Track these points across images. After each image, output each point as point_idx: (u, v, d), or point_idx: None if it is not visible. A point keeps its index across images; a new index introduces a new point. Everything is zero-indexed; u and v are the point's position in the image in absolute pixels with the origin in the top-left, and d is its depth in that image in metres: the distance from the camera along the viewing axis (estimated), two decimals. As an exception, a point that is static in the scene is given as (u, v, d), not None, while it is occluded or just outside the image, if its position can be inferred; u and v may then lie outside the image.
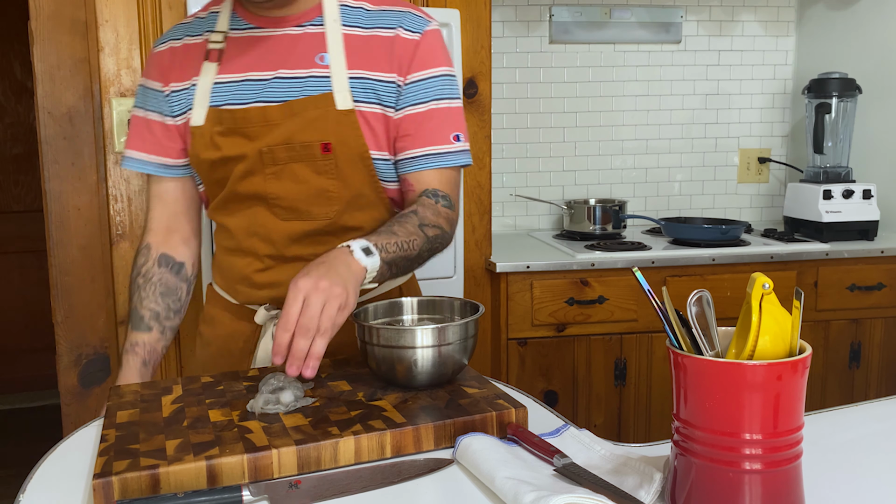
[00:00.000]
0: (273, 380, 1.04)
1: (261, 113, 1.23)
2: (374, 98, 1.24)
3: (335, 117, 1.22)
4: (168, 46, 1.32)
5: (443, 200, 1.27)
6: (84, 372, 2.08)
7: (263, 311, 1.30)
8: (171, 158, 1.33)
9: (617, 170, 2.90)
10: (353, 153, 1.24)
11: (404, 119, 1.27)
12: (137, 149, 1.34)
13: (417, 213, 1.23)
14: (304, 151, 1.23)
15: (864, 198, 2.49)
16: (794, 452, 0.77)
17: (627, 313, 2.30)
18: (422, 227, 1.21)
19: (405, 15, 1.27)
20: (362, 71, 1.24)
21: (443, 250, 1.28)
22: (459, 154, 1.29)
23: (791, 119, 2.99)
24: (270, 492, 0.85)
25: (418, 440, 0.97)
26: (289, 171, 1.24)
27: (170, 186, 1.36)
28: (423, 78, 1.26)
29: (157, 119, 1.32)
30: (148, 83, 1.33)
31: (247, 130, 1.24)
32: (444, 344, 1.07)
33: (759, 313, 0.77)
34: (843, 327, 2.42)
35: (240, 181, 1.26)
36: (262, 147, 1.23)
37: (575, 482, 0.84)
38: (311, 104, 1.22)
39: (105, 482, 0.84)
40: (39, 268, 4.01)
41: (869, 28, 2.68)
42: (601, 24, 2.79)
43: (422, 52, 1.26)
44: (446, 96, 1.28)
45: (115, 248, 2.07)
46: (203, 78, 1.27)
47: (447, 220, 1.26)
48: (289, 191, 1.25)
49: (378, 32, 1.26)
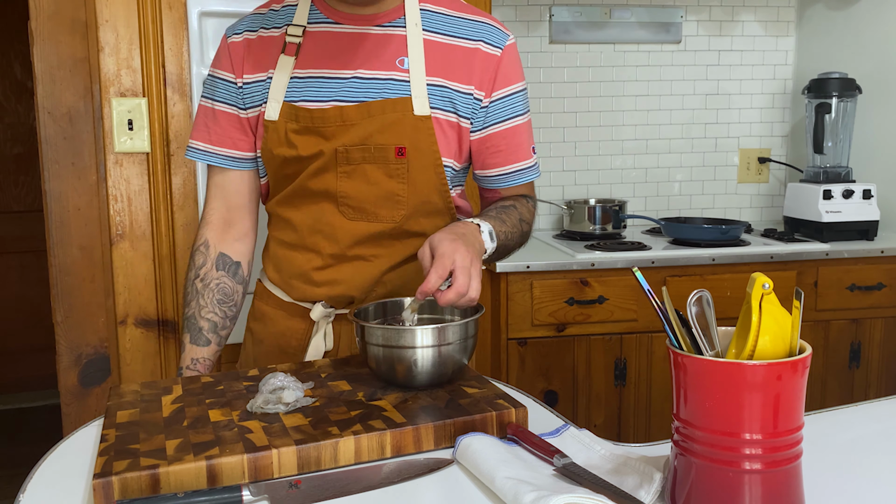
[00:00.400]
0: (273, 380, 1.04)
1: (338, 113, 1.23)
2: (451, 107, 1.26)
3: (412, 122, 1.23)
4: (244, 38, 1.30)
5: (531, 202, 1.38)
6: (84, 372, 2.08)
7: (321, 308, 1.30)
8: (239, 151, 1.32)
9: (617, 170, 2.90)
10: (427, 159, 1.25)
11: (493, 136, 1.31)
12: (202, 140, 1.33)
13: (517, 208, 1.32)
14: (378, 154, 1.23)
15: (863, 198, 2.49)
16: (794, 452, 0.77)
17: (627, 313, 2.30)
18: (521, 223, 1.31)
19: (486, 27, 1.29)
20: (440, 79, 1.25)
21: (525, 244, 1.38)
22: (536, 167, 1.38)
23: (791, 119, 2.99)
24: (270, 492, 0.85)
25: (418, 440, 0.97)
26: (361, 171, 1.25)
27: (233, 177, 1.35)
28: (507, 94, 1.30)
29: (225, 110, 1.31)
30: (218, 73, 1.32)
31: (323, 130, 1.24)
32: (444, 344, 1.07)
33: (759, 313, 0.77)
34: (842, 327, 2.42)
35: (311, 178, 1.26)
36: (339, 146, 1.24)
37: (575, 482, 0.84)
38: (390, 107, 1.23)
39: (105, 482, 0.84)
40: (39, 268, 4.01)
41: (869, 28, 2.68)
42: (601, 24, 2.80)
43: (504, 68, 1.29)
44: (526, 110, 1.35)
45: (115, 248, 2.07)
46: (280, 72, 1.26)
47: (533, 219, 1.38)
48: (359, 191, 1.26)
49: (459, 42, 1.27)
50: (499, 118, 1.30)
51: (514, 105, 1.31)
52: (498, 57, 1.28)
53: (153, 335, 2.10)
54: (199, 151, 1.34)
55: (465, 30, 1.28)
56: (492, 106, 1.29)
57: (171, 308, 2.11)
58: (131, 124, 2.04)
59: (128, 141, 2.04)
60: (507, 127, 1.31)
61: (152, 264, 2.09)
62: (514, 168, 1.34)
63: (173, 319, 2.11)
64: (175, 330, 2.12)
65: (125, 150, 2.05)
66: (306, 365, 1.21)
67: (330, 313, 1.32)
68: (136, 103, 2.04)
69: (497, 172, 1.34)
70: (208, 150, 1.33)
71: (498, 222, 1.24)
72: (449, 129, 1.27)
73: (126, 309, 2.08)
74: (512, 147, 1.32)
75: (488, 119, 1.29)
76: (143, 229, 2.08)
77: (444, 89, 1.25)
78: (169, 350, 2.12)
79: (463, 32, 1.27)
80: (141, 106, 2.04)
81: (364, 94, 1.24)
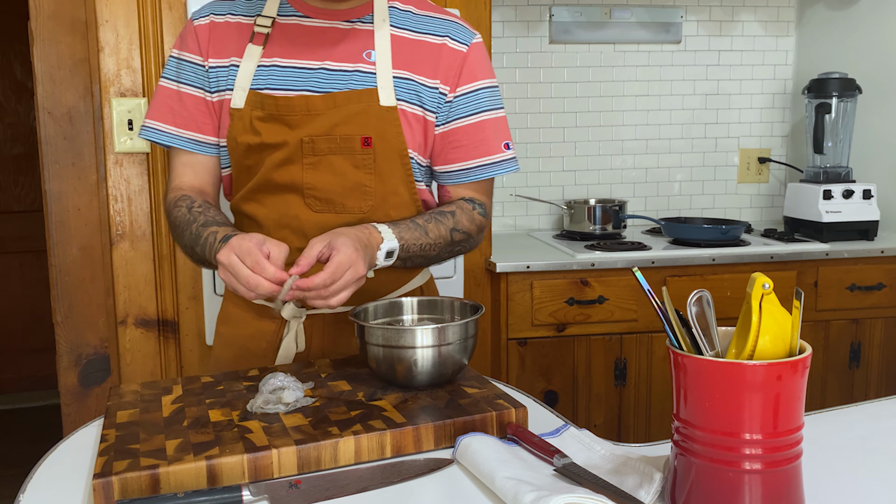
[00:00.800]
0: (273, 380, 1.04)
1: (304, 102, 1.23)
2: (417, 100, 1.27)
3: (378, 113, 1.24)
4: (209, 21, 1.30)
5: (479, 209, 1.34)
6: (84, 372, 2.08)
7: (292, 307, 1.28)
8: (203, 134, 1.30)
9: (617, 170, 2.90)
10: (392, 150, 1.25)
11: (456, 130, 1.30)
12: (166, 121, 1.30)
13: (455, 215, 1.30)
14: (344, 144, 1.24)
15: (864, 198, 2.49)
16: (794, 452, 0.77)
17: (627, 313, 2.30)
18: (452, 232, 1.28)
19: (453, 25, 1.31)
20: (407, 72, 1.26)
21: (467, 253, 1.35)
22: (510, 162, 1.35)
23: (791, 119, 2.99)
24: (270, 492, 0.85)
25: (418, 440, 0.97)
26: (327, 162, 1.24)
27: (201, 160, 1.32)
28: (472, 90, 1.30)
29: (192, 93, 1.29)
30: (185, 55, 1.30)
31: (288, 118, 1.24)
32: (444, 344, 1.07)
33: (759, 313, 0.77)
34: (842, 327, 2.42)
35: (276, 169, 1.25)
36: (304, 136, 1.23)
37: (575, 482, 0.84)
38: (355, 98, 1.24)
39: (105, 482, 0.84)
40: (39, 268, 4.01)
41: (869, 28, 2.68)
42: (601, 24, 2.80)
43: (469, 64, 1.30)
44: (495, 107, 1.33)
45: (115, 248, 2.07)
46: (247, 60, 1.26)
47: (479, 227, 1.34)
48: (326, 182, 1.25)
49: (426, 38, 1.29)
50: (462, 113, 1.30)
51: (479, 101, 1.31)
52: (464, 53, 1.29)
53: (153, 335, 2.11)
54: (161, 133, 1.30)
55: (432, 26, 1.30)
56: (456, 101, 1.29)
57: (171, 308, 2.11)
58: (131, 124, 2.04)
59: (128, 141, 2.04)
60: (470, 122, 1.30)
61: (152, 264, 2.09)
62: (476, 163, 1.32)
63: (173, 319, 2.11)
64: (175, 330, 2.12)
65: (125, 150, 2.05)
66: (306, 365, 1.21)
67: (301, 313, 1.29)
68: (136, 103, 2.04)
69: (458, 168, 1.32)
70: (171, 133, 1.30)
71: (419, 233, 1.23)
72: (415, 121, 1.27)
73: (126, 309, 2.08)
74: (475, 142, 1.31)
75: (452, 113, 1.30)
76: (143, 229, 2.08)
77: (411, 82, 1.26)
78: (169, 350, 2.12)
79: (430, 29, 1.29)
80: (141, 106, 2.04)
81: (330, 85, 1.24)
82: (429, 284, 1.44)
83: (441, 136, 1.31)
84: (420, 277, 1.41)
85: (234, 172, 1.31)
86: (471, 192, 1.35)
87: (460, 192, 1.35)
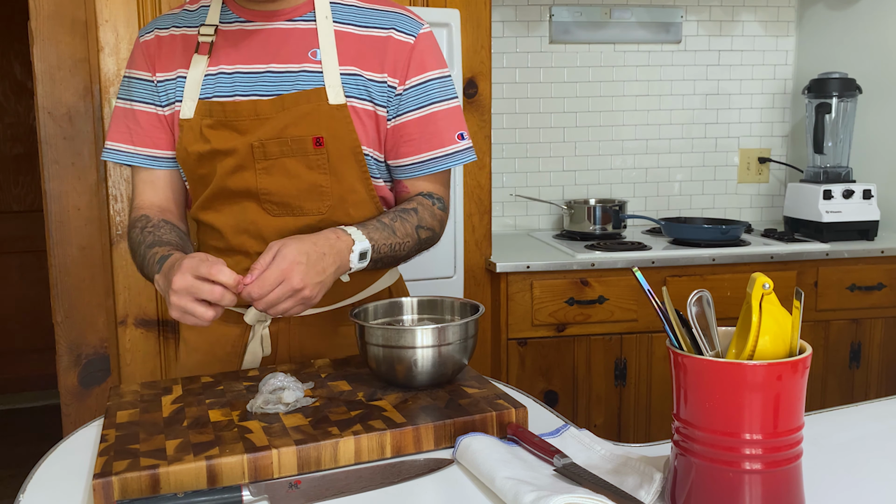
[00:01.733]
0: (273, 380, 1.04)
1: (252, 106, 1.22)
2: (366, 95, 1.25)
3: (327, 111, 1.22)
4: (154, 35, 1.30)
5: (438, 203, 1.31)
6: (84, 372, 2.08)
7: (254, 311, 1.26)
8: (160, 150, 1.30)
9: (617, 170, 2.90)
10: (345, 148, 1.23)
11: (407, 124, 1.27)
12: (124, 141, 1.30)
13: (418, 212, 1.27)
14: (295, 146, 1.22)
15: (864, 198, 2.49)
16: (795, 452, 0.77)
17: (627, 313, 2.30)
18: (417, 230, 1.26)
19: (398, 16, 1.28)
20: (354, 68, 1.24)
21: (429, 248, 1.31)
22: (465, 152, 1.32)
23: (791, 119, 2.99)
24: (270, 492, 0.85)
25: (418, 440, 0.97)
26: (280, 165, 1.23)
27: (161, 175, 1.32)
28: (422, 82, 1.27)
29: (144, 109, 1.30)
30: (134, 73, 1.31)
31: (237, 124, 1.23)
32: (444, 344, 1.07)
33: (759, 313, 0.77)
34: (843, 327, 2.42)
35: (229, 176, 1.24)
36: (254, 141, 1.22)
37: (575, 482, 0.84)
38: (304, 98, 1.22)
39: (105, 482, 0.84)
40: (39, 268, 4.01)
41: (869, 28, 2.68)
42: (601, 24, 2.79)
43: (417, 55, 1.27)
44: (446, 97, 1.30)
45: (115, 248, 2.07)
46: (193, 70, 1.26)
47: (440, 222, 1.31)
48: (280, 186, 1.24)
49: (371, 32, 1.26)
50: (413, 105, 1.27)
51: (430, 92, 1.28)
52: (411, 44, 1.26)
53: (153, 335, 2.10)
54: (121, 153, 1.30)
55: (377, 19, 1.27)
56: (406, 93, 1.27)
57: (171, 308, 2.10)
58: (131, 124, 2.03)
59: (128, 141, 2.04)
60: (422, 115, 1.28)
61: (152, 264, 2.08)
62: (429, 156, 1.29)
63: (173, 319, 2.11)
64: (175, 330, 2.12)
65: (125, 150, 2.05)
66: (306, 365, 1.21)
67: (264, 317, 1.28)
68: (136, 103, 2.03)
69: (411, 161, 1.29)
70: (129, 151, 1.30)
71: (387, 233, 1.21)
72: (366, 117, 1.25)
73: (126, 309, 2.08)
74: (427, 135, 1.28)
75: (402, 106, 1.27)
76: (143, 229, 2.08)
77: (359, 78, 1.24)
78: (169, 350, 2.12)
79: (374, 22, 1.27)
80: (141, 106, 2.04)
81: (278, 88, 1.23)
82: (398, 285, 1.43)
83: (392, 129, 1.28)
84: (388, 277, 1.39)
85: (190, 183, 1.31)
86: (428, 185, 1.32)
87: (418, 185, 1.32)
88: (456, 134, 1.30)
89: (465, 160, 1.32)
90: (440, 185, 1.34)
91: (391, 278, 1.40)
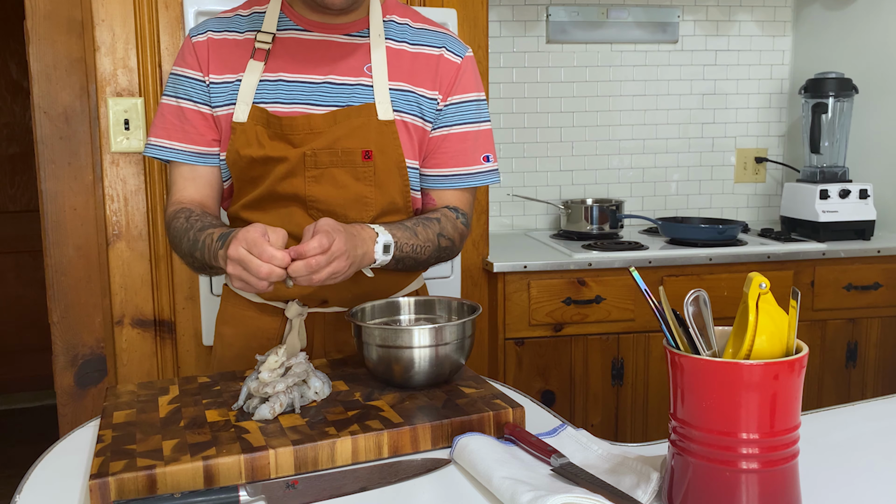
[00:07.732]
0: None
1: (306, 121, 1.26)
2: (417, 111, 1.30)
3: (377, 127, 1.27)
4: (207, 38, 1.31)
5: (462, 218, 1.37)
6: (80, 372, 2.08)
7: (296, 306, 1.29)
8: (207, 147, 1.32)
9: (614, 169, 2.91)
10: (391, 162, 1.28)
11: (439, 138, 1.33)
12: (167, 137, 1.32)
13: (440, 221, 1.32)
14: (345, 157, 1.26)
15: (860, 197, 2.50)
16: (791, 452, 0.77)
17: (624, 313, 2.30)
18: (439, 237, 1.30)
19: (447, 37, 1.35)
20: (408, 84, 1.30)
21: (448, 260, 1.37)
22: (488, 174, 1.38)
23: (788, 119, 2.99)
24: (267, 492, 0.85)
25: (415, 440, 0.97)
26: (329, 175, 1.27)
27: (202, 172, 1.34)
28: (460, 101, 1.34)
29: (191, 107, 1.31)
30: (183, 71, 1.32)
31: (292, 137, 1.26)
32: (442, 344, 1.07)
33: (755, 313, 0.77)
34: (839, 327, 2.43)
35: (280, 182, 1.27)
36: (307, 150, 1.26)
37: (572, 482, 0.84)
38: (355, 113, 1.27)
39: (101, 482, 0.84)
40: (35, 268, 4.00)
41: (865, 28, 2.68)
42: (598, 24, 2.80)
43: (462, 76, 1.34)
44: (480, 119, 1.36)
45: (112, 248, 2.07)
46: (249, 75, 1.28)
47: (460, 235, 1.36)
48: (328, 194, 1.27)
49: (424, 50, 1.32)
50: (448, 122, 1.34)
51: (465, 112, 1.34)
52: (458, 65, 1.33)
53: (149, 335, 2.10)
54: (165, 149, 1.32)
55: (429, 39, 1.34)
56: (445, 109, 1.33)
57: (167, 308, 2.10)
58: (128, 124, 2.03)
59: (124, 141, 2.04)
60: (453, 132, 1.34)
61: (149, 264, 2.08)
62: (452, 172, 1.35)
63: (170, 320, 2.11)
64: (171, 330, 2.12)
65: (121, 149, 2.04)
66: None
67: (303, 311, 1.31)
68: (132, 103, 2.03)
69: (435, 173, 1.35)
70: (174, 148, 1.32)
71: (409, 234, 1.25)
72: (415, 131, 1.31)
73: (122, 309, 2.08)
74: (452, 152, 1.34)
75: (439, 122, 1.33)
76: (140, 229, 2.07)
77: (410, 94, 1.30)
78: (165, 350, 2.11)
79: (426, 41, 1.33)
80: (137, 106, 2.03)
81: (333, 99, 1.27)
82: (422, 291, 1.47)
83: (428, 142, 1.34)
84: (416, 283, 1.43)
85: (237, 184, 1.33)
86: (454, 199, 1.38)
87: (444, 198, 1.37)
88: (482, 156, 1.37)
89: (488, 181, 1.38)
90: (465, 202, 1.39)
91: (417, 283, 1.45)
